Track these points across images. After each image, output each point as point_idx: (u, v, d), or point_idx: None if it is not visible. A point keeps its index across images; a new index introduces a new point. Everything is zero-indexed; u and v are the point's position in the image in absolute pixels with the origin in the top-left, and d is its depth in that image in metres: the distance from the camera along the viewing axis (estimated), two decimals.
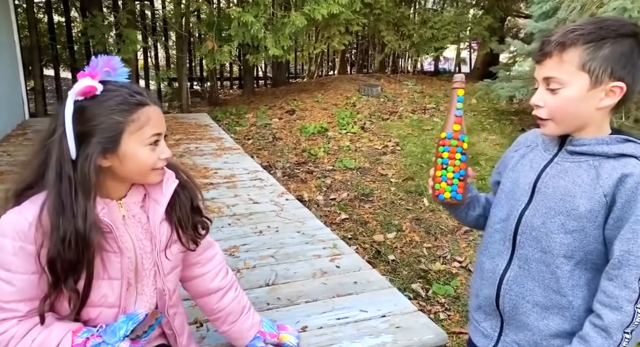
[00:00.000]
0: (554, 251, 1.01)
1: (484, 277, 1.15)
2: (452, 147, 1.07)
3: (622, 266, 0.92)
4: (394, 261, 3.28)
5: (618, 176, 0.93)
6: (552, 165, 1.04)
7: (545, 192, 1.03)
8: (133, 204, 1.16)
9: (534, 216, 1.04)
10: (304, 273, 2.11)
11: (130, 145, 1.04)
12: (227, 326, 1.42)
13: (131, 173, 1.09)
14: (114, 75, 1.05)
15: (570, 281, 1.01)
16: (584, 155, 0.99)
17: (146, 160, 1.07)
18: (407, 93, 7.18)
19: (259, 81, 8.89)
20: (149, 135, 1.05)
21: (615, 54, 0.92)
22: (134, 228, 1.16)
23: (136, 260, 1.16)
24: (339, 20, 6.24)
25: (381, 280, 2.07)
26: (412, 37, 7.85)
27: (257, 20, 5.39)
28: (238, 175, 3.58)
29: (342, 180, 4.46)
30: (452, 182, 1.08)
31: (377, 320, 1.76)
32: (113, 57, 1.05)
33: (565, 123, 0.99)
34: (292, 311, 1.80)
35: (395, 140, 5.36)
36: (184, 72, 7.03)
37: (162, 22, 7.40)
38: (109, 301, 1.13)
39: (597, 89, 0.94)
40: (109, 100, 1.02)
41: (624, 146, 0.96)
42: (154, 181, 1.13)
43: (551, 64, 0.96)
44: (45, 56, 6.54)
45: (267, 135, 5.62)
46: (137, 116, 1.03)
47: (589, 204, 0.96)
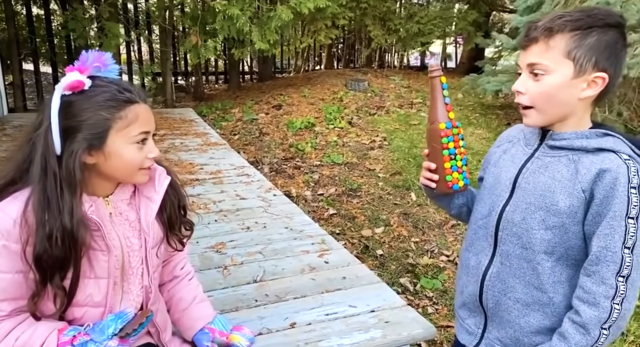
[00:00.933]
0: (534, 247, 1.00)
1: (469, 274, 1.15)
2: (455, 136, 1.06)
3: (599, 262, 0.92)
4: (382, 256, 3.28)
5: (596, 171, 0.92)
6: (533, 160, 1.03)
7: (525, 187, 1.02)
8: (120, 201, 1.14)
9: (515, 211, 1.03)
10: (293, 269, 2.08)
11: (117, 143, 1.02)
12: (177, 314, 1.37)
13: (116, 171, 1.07)
14: (104, 71, 1.03)
15: (551, 277, 1.01)
16: (564, 149, 0.98)
17: (132, 159, 1.05)
18: (394, 88, 7.18)
19: (245, 76, 8.81)
20: (136, 133, 1.03)
21: (601, 43, 0.91)
22: (121, 226, 1.14)
23: (123, 258, 1.13)
24: (325, 14, 6.19)
25: (370, 275, 2.05)
26: (399, 32, 7.84)
27: (242, 13, 5.32)
28: (224, 171, 3.53)
29: (330, 175, 4.44)
30: (462, 169, 1.08)
31: (366, 315, 1.75)
32: (104, 53, 1.04)
33: (547, 112, 0.97)
34: (281, 308, 1.78)
35: (382, 135, 5.35)
36: (168, 66, 6.92)
37: (145, 15, 7.26)
38: (95, 300, 1.10)
39: (580, 79, 0.93)
40: (97, 96, 1.00)
41: (602, 140, 0.95)
42: (140, 181, 1.11)
43: (537, 50, 0.95)
44: (24, 50, 6.38)
45: (253, 131, 5.57)
46: (125, 113, 1.01)
47: (568, 199, 0.95)
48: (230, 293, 1.87)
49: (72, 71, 0.99)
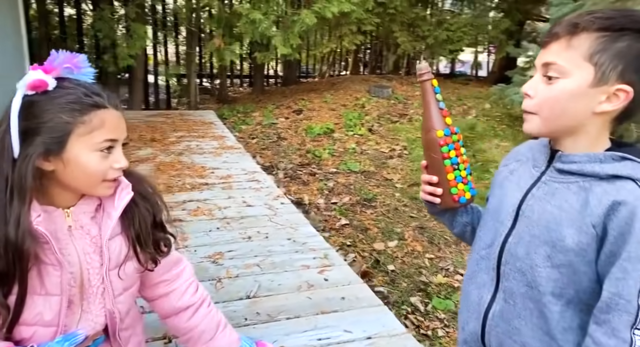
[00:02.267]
0: (540, 286, 0.86)
1: (470, 309, 1.01)
2: (456, 144, 0.93)
3: (610, 311, 0.77)
4: (394, 272, 3.13)
5: (609, 204, 0.77)
6: (539, 186, 0.88)
7: (529, 217, 0.87)
8: (82, 214, 1.05)
9: (518, 243, 0.89)
10: (289, 285, 1.97)
11: (77, 149, 0.93)
12: (201, 345, 1.29)
13: (76, 181, 0.98)
14: (77, 74, 0.95)
15: (561, 323, 0.86)
16: (574, 175, 0.83)
17: (94, 168, 0.96)
18: (419, 95, 6.99)
19: (270, 80, 8.79)
20: (100, 140, 0.94)
21: (632, 50, 0.76)
22: (81, 240, 1.04)
23: (81, 275, 1.04)
24: (350, 19, 6.09)
25: (371, 297, 1.92)
26: (427, 39, 7.66)
27: (265, 17, 5.27)
28: (235, 175, 3.46)
29: (345, 183, 4.31)
30: (468, 179, 0.96)
31: (361, 342, 1.62)
32: (77, 55, 0.95)
33: (551, 121, 0.83)
34: (271, 328, 1.67)
35: (402, 144, 5.19)
36: (193, 68, 6.95)
37: (173, 17, 7.33)
38: (46, 319, 1.01)
39: (599, 88, 0.78)
40: (60, 97, 0.92)
41: (619, 165, 0.79)
42: (103, 193, 1.02)
43: (556, 48, 0.80)
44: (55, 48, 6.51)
45: (271, 135, 5.50)
46: (89, 118, 0.93)
47: (576, 235, 0.80)
48: (220, 309, 1.75)
49: (35, 70, 0.91)
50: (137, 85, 6.51)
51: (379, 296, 2.74)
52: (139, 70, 6.40)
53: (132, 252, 1.10)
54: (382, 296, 2.78)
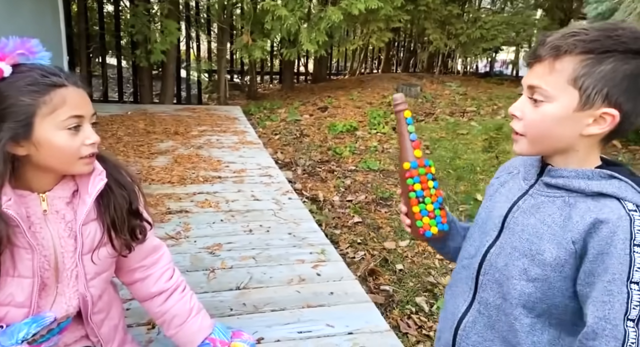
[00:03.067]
0: (512, 299, 0.84)
1: (446, 318, 0.99)
2: (422, 176, 0.92)
3: (597, 337, 0.74)
4: (402, 271, 3.09)
5: (591, 221, 0.75)
6: (526, 198, 0.87)
7: (513, 229, 0.86)
8: (58, 198, 1.08)
9: (499, 255, 0.87)
10: (280, 278, 1.99)
11: (45, 130, 0.96)
12: (173, 329, 1.33)
13: (52, 161, 1.00)
14: (33, 59, 0.98)
15: (530, 337, 0.84)
16: (560, 189, 0.82)
17: (66, 146, 0.98)
18: (448, 94, 6.86)
19: (300, 77, 8.83)
20: (64, 117, 0.96)
21: (617, 73, 0.73)
22: (56, 224, 1.08)
23: (56, 259, 1.08)
24: (378, 16, 6.03)
25: (359, 293, 1.91)
26: (459, 37, 7.48)
27: (292, 14, 5.30)
28: (248, 170, 3.51)
29: (363, 181, 4.29)
30: (435, 214, 0.94)
31: (342, 337, 1.62)
32: (29, 40, 0.98)
33: (539, 143, 0.82)
34: (254, 319, 1.70)
35: (425, 143, 5.10)
36: (223, 64, 7.08)
37: (205, 14, 7.49)
38: (17, 300, 1.05)
39: (585, 112, 0.76)
40: (18, 81, 0.94)
41: (606, 183, 0.77)
42: (82, 171, 1.04)
43: (540, 71, 0.78)
44: (93, 44, 6.79)
45: (294, 132, 5.53)
46: (50, 97, 0.95)
47: (555, 250, 0.78)
48: (208, 298, 1.81)
49: None
50: (169, 81, 6.70)
51: (383, 295, 2.72)
52: (171, 65, 6.58)
53: (107, 238, 1.13)
54: (387, 294, 2.75)
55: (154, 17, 6.26)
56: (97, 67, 7.17)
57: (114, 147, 3.89)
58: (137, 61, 6.21)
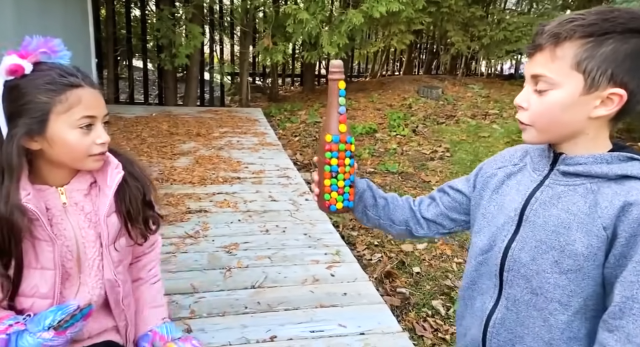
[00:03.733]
0: (547, 293, 0.84)
1: (474, 315, 0.99)
2: (341, 153, 0.92)
3: (624, 316, 0.74)
4: (419, 274, 3.08)
5: (620, 205, 0.75)
6: (543, 189, 0.86)
7: (534, 221, 0.85)
8: (76, 191, 1.13)
9: (522, 249, 0.86)
10: (295, 278, 2.02)
11: (59, 128, 1.00)
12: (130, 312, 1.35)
13: (63, 157, 1.05)
14: (54, 58, 1.02)
15: (567, 333, 0.84)
16: (580, 176, 0.81)
17: (77, 144, 1.02)
18: (470, 96, 6.79)
19: (321, 79, 8.87)
20: (78, 117, 1.01)
21: (619, 53, 0.74)
22: (76, 216, 1.12)
23: (78, 249, 1.13)
24: (399, 19, 6.02)
25: (373, 294, 1.92)
26: (482, 39, 7.40)
27: (313, 17, 5.34)
28: (267, 171, 3.56)
29: (382, 184, 4.29)
30: (344, 190, 0.94)
31: (353, 337, 1.63)
32: (52, 39, 1.02)
33: (549, 131, 0.82)
34: (268, 318, 1.73)
35: (445, 146, 5.07)
36: (245, 67, 7.17)
37: (228, 17, 7.61)
38: (41, 291, 1.10)
39: (592, 95, 0.76)
40: (37, 79, 0.99)
41: (627, 166, 0.77)
42: (91, 167, 1.09)
43: (541, 60, 0.79)
44: (120, 47, 6.98)
45: (314, 133, 5.57)
46: (66, 97, 0.99)
47: (586, 238, 0.78)
48: (224, 297, 1.85)
49: (10, 55, 0.98)
50: (193, 83, 6.82)
51: (400, 297, 2.72)
52: (195, 68, 6.70)
53: (124, 228, 1.17)
54: (403, 297, 2.75)
55: (178, 21, 6.39)
56: (124, 69, 7.36)
57: (138, 148, 3.99)
58: (162, 64, 6.35)
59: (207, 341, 1.57)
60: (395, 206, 1.09)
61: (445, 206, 1.07)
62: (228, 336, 1.59)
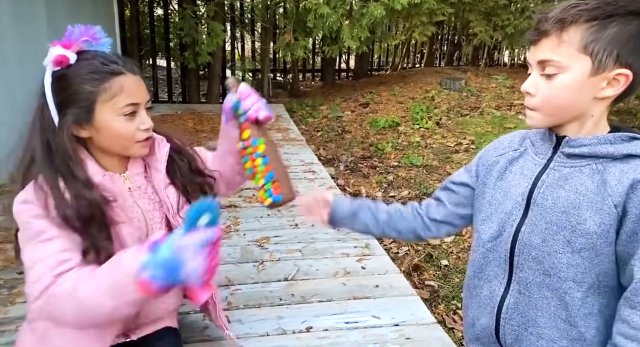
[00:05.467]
0: (560, 273, 0.86)
1: (482, 304, 1.01)
2: (251, 156, 1.06)
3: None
4: (447, 267, 3.08)
5: (629, 182, 0.78)
6: (548, 172, 0.89)
7: (543, 204, 0.88)
8: (137, 175, 1.16)
9: (532, 232, 0.89)
10: (326, 271, 2.05)
11: (105, 115, 1.02)
12: None
13: (111, 144, 1.07)
14: (96, 45, 1.04)
15: (582, 309, 0.86)
16: (585, 157, 0.85)
17: (123, 131, 1.04)
18: (495, 88, 6.69)
19: (341, 73, 8.86)
20: (122, 104, 1.02)
21: (623, 35, 0.77)
22: (142, 200, 1.15)
23: (147, 231, 1.15)
24: (421, 10, 5.96)
25: (405, 286, 1.94)
26: (506, 28, 7.26)
27: (334, 11, 5.34)
28: (292, 166, 3.59)
29: (406, 177, 4.28)
30: (265, 187, 1.06)
31: (388, 328, 1.66)
32: (92, 27, 1.04)
33: (555, 115, 0.86)
34: (302, 309, 1.76)
35: (470, 138, 5.02)
36: (267, 63, 7.22)
37: (249, 14, 7.65)
38: None
39: (599, 76, 0.80)
40: (81, 69, 1.01)
41: (631, 145, 0.81)
42: (138, 153, 1.11)
43: (548, 45, 0.82)
44: (144, 46, 7.10)
45: (336, 128, 5.58)
46: (109, 85, 1.01)
47: (597, 217, 0.81)
48: (258, 289, 1.89)
49: (55, 46, 1.00)
50: (215, 80, 6.91)
51: (428, 290, 2.73)
52: (217, 66, 6.77)
53: (184, 199, 1.20)
54: (432, 289, 2.76)
55: (200, 19, 6.46)
56: (148, 68, 7.48)
57: None
58: (185, 63, 6.44)
59: (245, 332, 1.61)
60: (399, 218, 1.12)
61: (452, 204, 1.09)
62: (265, 327, 1.63)
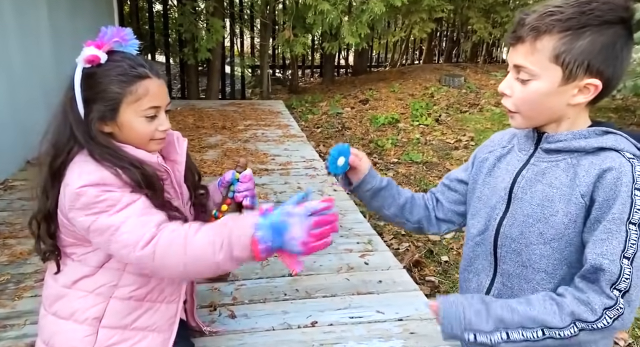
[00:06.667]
0: (534, 264, 0.90)
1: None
2: None
3: (596, 271, 0.80)
4: (447, 262, 3.11)
5: (596, 173, 0.82)
6: (528, 167, 0.93)
7: (522, 198, 0.92)
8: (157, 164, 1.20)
9: (512, 225, 0.93)
10: (330, 266, 2.07)
11: (128, 116, 1.09)
12: None
13: (130, 140, 1.13)
14: (125, 46, 1.10)
15: None
16: (561, 152, 0.88)
17: (143, 131, 1.11)
18: (494, 84, 6.71)
19: (340, 70, 8.86)
20: (146, 107, 1.09)
21: (595, 45, 0.79)
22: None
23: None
24: (421, 7, 5.97)
25: (407, 282, 1.96)
26: (505, 25, 7.28)
27: (334, 8, 5.34)
28: (294, 163, 3.60)
29: (406, 174, 4.30)
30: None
31: (392, 323, 1.68)
32: (124, 29, 1.10)
33: (533, 117, 0.89)
34: (307, 305, 1.78)
35: (470, 135, 5.04)
36: (266, 59, 7.21)
37: (249, 10, 7.63)
38: None
39: (570, 85, 0.82)
40: (111, 70, 1.07)
41: (603, 139, 0.84)
42: (153, 149, 1.17)
43: (523, 51, 0.84)
44: (144, 42, 7.07)
45: (336, 125, 5.59)
46: (135, 88, 1.07)
47: (566, 207, 0.85)
48: (263, 284, 1.91)
49: (89, 46, 1.06)
50: (214, 76, 6.89)
51: (429, 285, 2.75)
52: (217, 62, 6.76)
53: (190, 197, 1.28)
54: (432, 285, 2.78)
55: (200, 15, 6.44)
56: None
57: None
58: (185, 59, 6.43)
59: (251, 326, 1.63)
60: (413, 205, 1.13)
61: (451, 202, 1.12)
62: (271, 321, 1.65)
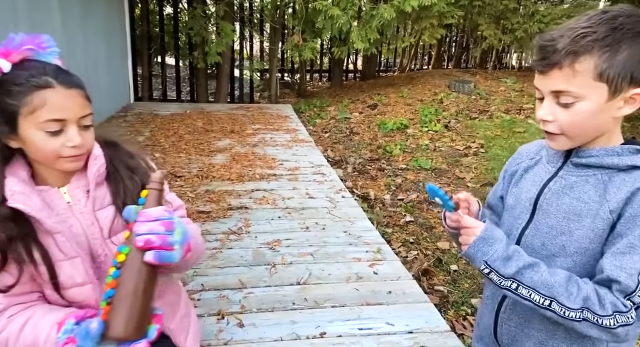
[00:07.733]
0: None
1: (485, 303, 1.05)
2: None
3: (611, 283, 0.81)
4: (456, 272, 3.06)
5: (630, 190, 0.82)
6: (556, 180, 0.92)
7: (547, 209, 0.91)
8: (77, 189, 1.10)
9: (535, 236, 0.93)
10: (339, 276, 2.04)
11: (27, 130, 0.98)
12: None
13: (37, 157, 1.02)
14: (43, 54, 1.00)
15: None
16: (592, 168, 0.88)
17: (45, 148, 0.99)
18: (504, 91, 6.66)
19: (349, 74, 8.85)
20: (43, 120, 0.96)
21: (635, 56, 0.79)
22: (81, 214, 1.10)
23: (90, 247, 1.10)
24: (431, 13, 5.94)
25: (418, 293, 1.93)
26: (516, 32, 7.23)
27: (344, 13, 5.33)
28: (302, 168, 3.58)
29: (414, 180, 4.27)
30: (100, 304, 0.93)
31: (402, 335, 1.65)
32: (40, 36, 1.00)
33: (580, 136, 0.87)
34: (316, 315, 1.76)
35: (479, 142, 5.00)
36: (275, 63, 7.21)
37: (259, 14, 7.65)
38: (78, 280, 1.07)
39: (616, 99, 0.82)
40: (9, 80, 0.96)
41: (637, 157, 0.84)
42: (65, 168, 1.05)
43: (561, 76, 0.82)
44: (154, 45, 7.10)
45: (344, 130, 5.57)
46: (31, 99, 0.95)
47: (592, 222, 0.84)
48: (271, 292, 1.89)
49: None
50: (224, 80, 6.91)
51: (438, 295, 2.71)
52: (226, 65, 6.78)
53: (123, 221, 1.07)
54: (442, 295, 2.74)
55: (210, 19, 6.46)
56: (157, 67, 7.49)
57: (177, 145, 4.08)
58: (195, 62, 6.44)
59: (258, 336, 1.61)
60: None
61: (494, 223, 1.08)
62: (279, 332, 1.63)
